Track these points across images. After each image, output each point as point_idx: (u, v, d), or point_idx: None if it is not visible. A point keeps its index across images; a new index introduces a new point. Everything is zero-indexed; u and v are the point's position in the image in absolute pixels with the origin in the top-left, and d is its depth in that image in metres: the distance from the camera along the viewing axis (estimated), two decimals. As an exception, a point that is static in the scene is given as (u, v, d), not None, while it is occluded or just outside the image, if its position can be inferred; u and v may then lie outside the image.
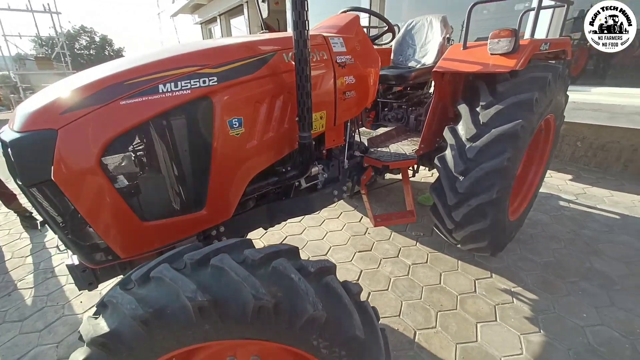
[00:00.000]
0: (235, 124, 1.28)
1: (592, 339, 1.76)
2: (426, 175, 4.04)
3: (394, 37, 2.38)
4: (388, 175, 3.03)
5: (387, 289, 2.18)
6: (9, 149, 0.92)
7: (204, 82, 1.16)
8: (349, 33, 1.77)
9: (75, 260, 1.26)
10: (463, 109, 1.99)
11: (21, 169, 0.96)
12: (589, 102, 3.74)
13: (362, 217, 3.15)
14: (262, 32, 1.97)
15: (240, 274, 0.82)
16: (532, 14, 1.95)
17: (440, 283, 2.22)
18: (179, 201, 1.25)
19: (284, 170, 1.60)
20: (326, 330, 0.87)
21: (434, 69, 2.01)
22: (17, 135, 0.93)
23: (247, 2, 11.36)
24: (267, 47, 1.36)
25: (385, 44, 2.76)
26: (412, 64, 2.77)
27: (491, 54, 1.82)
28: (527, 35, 2.35)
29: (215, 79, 1.19)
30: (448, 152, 2.00)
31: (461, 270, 2.34)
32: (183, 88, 1.12)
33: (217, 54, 1.23)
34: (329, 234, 2.88)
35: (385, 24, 2.22)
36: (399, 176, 2.72)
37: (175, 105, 1.11)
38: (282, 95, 1.42)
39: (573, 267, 2.33)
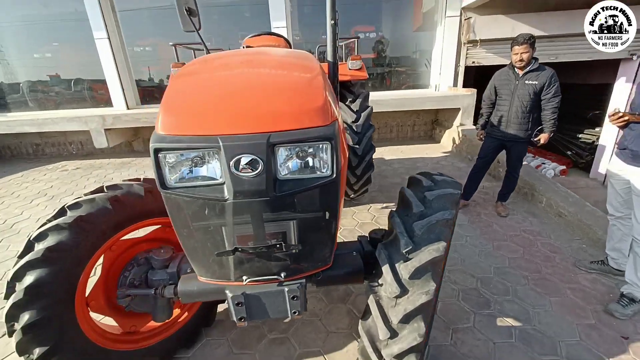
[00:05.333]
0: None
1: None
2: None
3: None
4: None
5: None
6: (332, 143, 0.89)
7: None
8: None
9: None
10: (343, 104, 3.06)
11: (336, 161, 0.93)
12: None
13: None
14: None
15: (446, 181, 1.44)
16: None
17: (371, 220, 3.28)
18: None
19: None
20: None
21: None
22: (323, 129, 0.90)
23: None
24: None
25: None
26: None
27: (349, 69, 2.97)
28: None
29: None
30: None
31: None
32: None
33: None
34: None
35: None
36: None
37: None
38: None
39: (387, 185, 4.20)
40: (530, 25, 5.60)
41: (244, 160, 0.85)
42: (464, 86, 6.22)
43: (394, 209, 1.36)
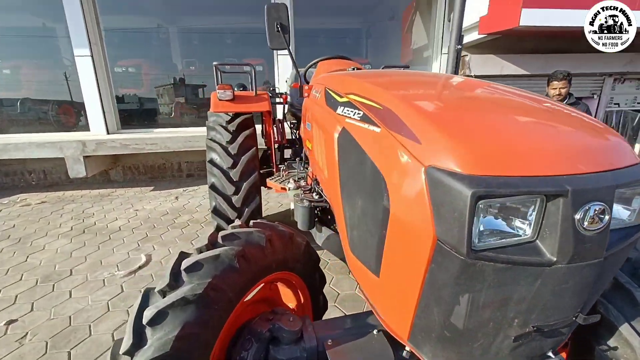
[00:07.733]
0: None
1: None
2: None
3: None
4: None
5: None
6: None
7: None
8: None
9: None
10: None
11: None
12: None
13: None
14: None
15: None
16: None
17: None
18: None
19: None
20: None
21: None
22: None
23: None
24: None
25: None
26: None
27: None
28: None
29: None
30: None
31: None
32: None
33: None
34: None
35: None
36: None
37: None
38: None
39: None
40: (516, 65, 6.16)
41: (595, 209, 0.61)
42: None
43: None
